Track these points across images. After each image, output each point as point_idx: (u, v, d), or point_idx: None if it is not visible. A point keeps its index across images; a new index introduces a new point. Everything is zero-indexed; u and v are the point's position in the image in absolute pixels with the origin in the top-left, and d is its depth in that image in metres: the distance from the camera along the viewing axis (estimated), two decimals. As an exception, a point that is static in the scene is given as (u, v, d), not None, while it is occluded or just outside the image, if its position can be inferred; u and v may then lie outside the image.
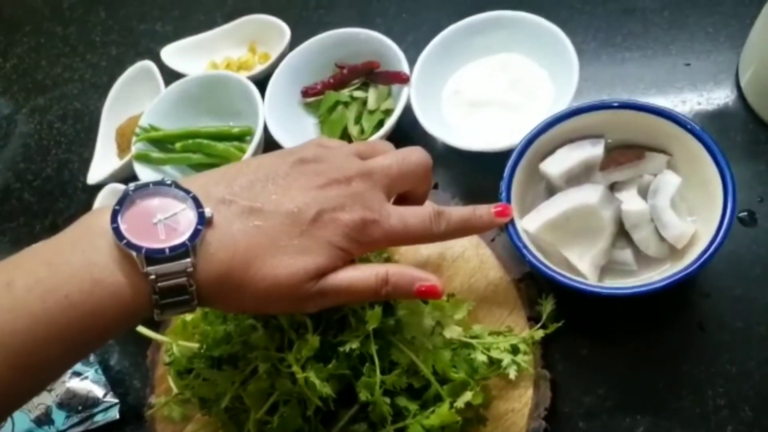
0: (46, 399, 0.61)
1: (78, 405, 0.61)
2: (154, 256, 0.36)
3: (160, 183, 0.39)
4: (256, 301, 0.40)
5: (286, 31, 0.76)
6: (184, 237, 0.37)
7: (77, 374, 0.62)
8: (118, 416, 0.61)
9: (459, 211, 0.46)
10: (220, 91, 0.72)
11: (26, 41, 0.98)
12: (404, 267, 0.43)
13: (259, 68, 0.75)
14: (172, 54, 0.81)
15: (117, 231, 0.36)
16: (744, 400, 0.49)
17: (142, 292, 0.37)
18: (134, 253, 0.36)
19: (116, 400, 0.62)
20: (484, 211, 0.48)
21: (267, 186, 0.41)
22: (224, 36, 0.82)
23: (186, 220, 0.38)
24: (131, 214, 0.38)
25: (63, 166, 0.82)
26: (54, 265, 0.36)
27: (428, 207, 0.44)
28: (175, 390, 0.54)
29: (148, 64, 0.79)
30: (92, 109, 0.85)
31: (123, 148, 0.76)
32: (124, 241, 0.36)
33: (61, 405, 0.61)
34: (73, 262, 0.36)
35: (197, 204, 0.38)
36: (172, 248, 0.36)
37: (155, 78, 0.77)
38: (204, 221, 0.38)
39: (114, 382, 0.63)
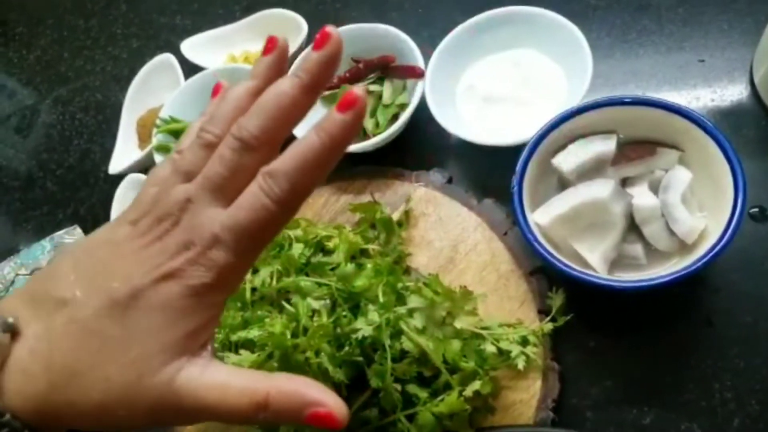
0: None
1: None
2: None
3: None
4: (95, 419, 0.31)
5: (304, 25, 0.77)
6: None
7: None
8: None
9: (291, 150, 0.32)
10: (238, 84, 0.73)
11: (49, 34, 1.00)
12: (296, 383, 0.32)
13: (276, 62, 0.76)
14: (191, 47, 0.82)
15: None
16: (751, 393, 0.49)
17: None
18: None
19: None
20: (327, 121, 0.32)
21: (90, 265, 0.33)
22: (243, 29, 0.83)
23: None
24: None
25: (85, 156, 0.84)
26: None
27: (254, 181, 0.32)
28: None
29: (168, 56, 0.81)
30: (113, 100, 0.87)
31: (144, 139, 0.78)
32: None
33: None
34: None
35: None
36: None
37: (175, 71, 0.79)
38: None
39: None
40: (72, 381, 0.30)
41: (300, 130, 0.66)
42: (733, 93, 0.61)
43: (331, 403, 0.31)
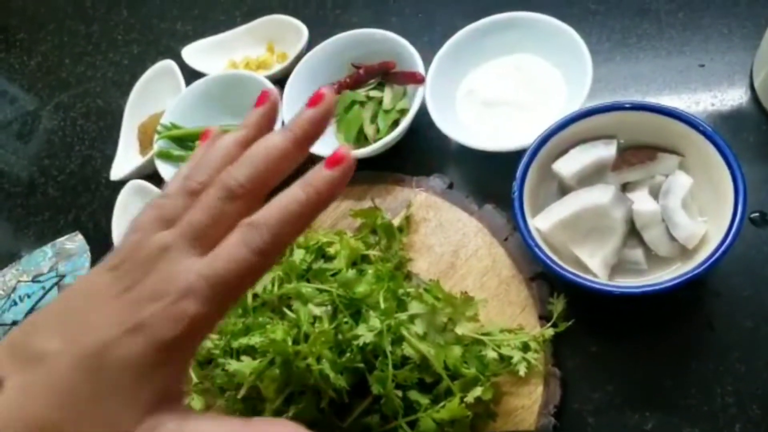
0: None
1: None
2: None
3: None
4: None
5: (304, 31, 0.77)
6: None
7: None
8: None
9: (276, 202, 0.33)
10: (239, 90, 0.74)
11: (50, 39, 1.00)
12: (277, 429, 0.31)
13: (277, 67, 0.77)
14: (192, 53, 0.83)
15: None
16: (752, 398, 0.49)
17: None
18: None
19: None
20: (314, 176, 0.33)
21: (69, 316, 0.32)
22: (243, 35, 0.83)
23: None
24: None
25: (86, 163, 0.85)
26: None
27: (236, 231, 0.32)
28: (195, 379, 0.56)
29: (169, 63, 0.81)
30: (114, 106, 0.88)
31: (145, 145, 0.78)
32: None
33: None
34: None
35: None
36: None
37: (176, 77, 0.79)
38: None
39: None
40: None
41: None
42: (733, 97, 0.61)
43: None
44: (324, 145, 0.66)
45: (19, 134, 0.92)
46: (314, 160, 0.34)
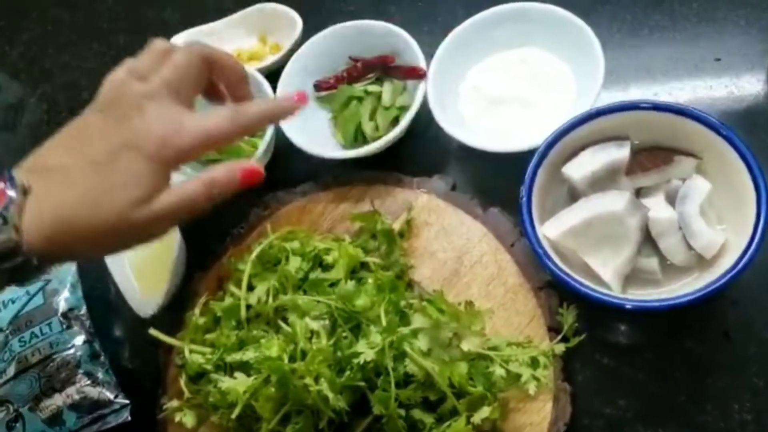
0: (57, 400, 0.61)
1: (89, 406, 0.61)
2: None
3: None
4: (97, 247, 0.44)
5: (298, 21, 0.74)
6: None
7: (88, 375, 0.62)
8: (129, 418, 0.61)
9: (258, 105, 0.49)
10: (230, 84, 0.70)
11: (33, 28, 0.96)
12: (226, 163, 0.46)
13: (270, 59, 0.73)
14: (181, 43, 0.79)
15: None
16: (771, 415, 0.47)
17: None
18: None
19: (127, 401, 0.61)
20: (285, 102, 0.53)
21: (75, 141, 0.44)
22: (234, 25, 0.79)
23: (4, 194, 0.40)
24: None
25: (72, 158, 0.81)
26: None
27: (225, 108, 0.48)
28: (187, 394, 0.53)
29: (157, 54, 0.77)
30: (100, 98, 0.84)
31: (132, 141, 0.75)
32: None
33: (72, 406, 0.61)
34: None
35: (10, 176, 0.41)
36: None
37: (164, 69, 0.75)
38: (17, 191, 0.40)
39: (125, 382, 0.63)
40: (75, 221, 0.41)
41: (293, 132, 0.63)
42: (750, 94, 0.59)
43: (249, 162, 0.48)
44: (321, 146, 0.63)
45: (4, 125, 0.89)
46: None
